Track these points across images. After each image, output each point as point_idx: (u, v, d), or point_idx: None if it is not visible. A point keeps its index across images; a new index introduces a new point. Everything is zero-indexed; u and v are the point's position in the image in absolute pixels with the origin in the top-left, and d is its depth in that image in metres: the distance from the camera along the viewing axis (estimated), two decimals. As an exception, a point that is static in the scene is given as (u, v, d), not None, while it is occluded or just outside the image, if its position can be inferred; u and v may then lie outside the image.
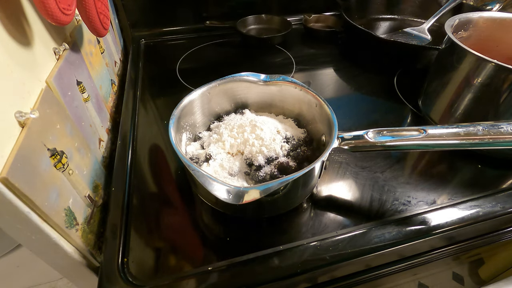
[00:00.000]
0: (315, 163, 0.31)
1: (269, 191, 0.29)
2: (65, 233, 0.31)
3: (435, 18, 0.78)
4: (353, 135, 0.36)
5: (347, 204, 0.40)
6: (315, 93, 0.41)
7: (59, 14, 0.30)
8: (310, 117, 0.44)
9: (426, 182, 0.43)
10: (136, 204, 0.40)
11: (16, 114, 0.26)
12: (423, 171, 0.45)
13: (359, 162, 0.45)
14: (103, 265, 0.33)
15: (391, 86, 0.64)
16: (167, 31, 0.84)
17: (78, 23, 0.46)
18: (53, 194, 0.29)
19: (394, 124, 0.54)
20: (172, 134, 0.35)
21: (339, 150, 0.38)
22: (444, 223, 0.37)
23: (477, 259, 0.54)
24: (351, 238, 0.36)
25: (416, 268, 0.40)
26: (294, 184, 0.34)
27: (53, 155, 0.30)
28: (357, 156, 0.46)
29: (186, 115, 0.41)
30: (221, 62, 0.75)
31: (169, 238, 0.36)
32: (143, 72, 0.68)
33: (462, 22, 0.52)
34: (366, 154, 0.47)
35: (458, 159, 0.46)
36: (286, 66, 0.71)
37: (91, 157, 0.40)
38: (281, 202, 0.37)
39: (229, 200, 0.29)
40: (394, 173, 0.44)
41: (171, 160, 0.46)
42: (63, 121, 0.33)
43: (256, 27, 0.87)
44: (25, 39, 0.30)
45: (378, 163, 0.45)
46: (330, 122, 0.37)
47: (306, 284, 0.35)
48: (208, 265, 0.33)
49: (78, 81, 0.40)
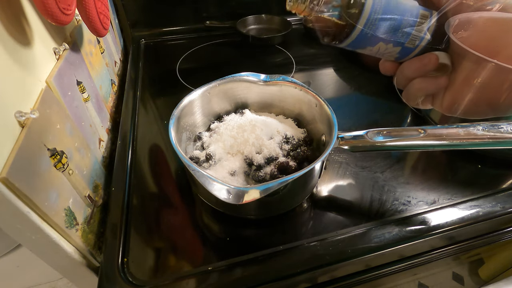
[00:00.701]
0: (315, 163, 0.31)
1: (269, 191, 0.29)
2: (65, 233, 0.31)
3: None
4: (353, 135, 0.36)
5: (347, 204, 0.40)
6: (315, 93, 0.41)
7: (59, 14, 0.30)
8: (310, 117, 0.44)
9: (426, 182, 0.43)
10: (136, 204, 0.40)
11: (16, 114, 0.26)
12: (423, 171, 0.45)
13: (359, 162, 0.45)
14: (103, 265, 0.33)
15: (391, 86, 0.63)
16: (167, 31, 0.84)
17: (78, 23, 0.46)
18: (53, 194, 0.29)
19: (394, 124, 0.54)
20: (172, 134, 0.35)
21: (339, 150, 0.38)
22: (444, 223, 0.37)
23: (477, 259, 0.54)
24: (351, 238, 0.36)
25: (416, 268, 0.40)
26: (294, 184, 0.34)
27: (53, 155, 0.30)
28: (357, 156, 0.46)
29: (186, 115, 0.41)
30: (221, 62, 0.75)
31: (169, 238, 0.36)
32: (143, 72, 0.68)
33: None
34: (366, 154, 0.47)
35: (458, 159, 0.46)
36: (286, 66, 0.71)
37: (91, 157, 0.40)
38: (281, 202, 0.37)
39: (229, 200, 0.29)
40: (394, 173, 0.44)
41: (171, 160, 0.46)
42: (63, 121, 0.33)
43: (256, 27, 0.87)
44: (25, 39, 0.30)
45: (378, 163, 0.45)
46: (330, 122, 0.37)
47: (306, 284, 0.35)
48: (208, 265, 0.33)
49: (78, 81, 0.40)
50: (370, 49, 0.27)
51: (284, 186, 0.32)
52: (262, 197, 0.29)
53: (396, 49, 0.27)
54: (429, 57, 0.26)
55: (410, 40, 0.26)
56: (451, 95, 0.27)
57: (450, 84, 0.26)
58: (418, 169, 0.45)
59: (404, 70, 0.27)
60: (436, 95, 0.28)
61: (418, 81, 0.27)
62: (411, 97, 0.28)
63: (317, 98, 0.41)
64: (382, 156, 0.46)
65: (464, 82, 0.25)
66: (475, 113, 0.26)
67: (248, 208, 0.36)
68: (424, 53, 0.26)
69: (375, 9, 0.24)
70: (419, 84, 0.27)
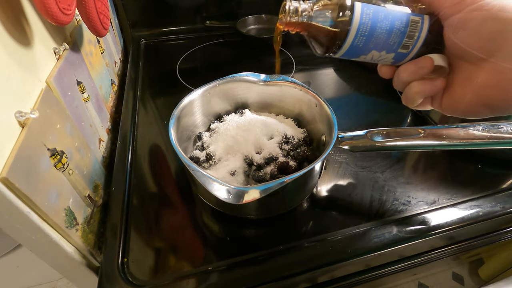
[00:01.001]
0: (315, 163, 0.31)
1: (269, 191, 0.29)
2: (65, 233, 0.31)
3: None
4: (353, 135, 0.36)
5: (347, 204, 0.40)
6: (315, 93, 0.41)
7: (59, 14, 0.30)
8: (310, 117, 0.44)
9: (426, 182, 0.43)
10: (136, 204, 0.40)
11: (16, 114, 0.26)
12: (423, 171, 0.45)
13: (359, 162, 0.45)
14: (103, 265, 0.33)
15: (391, 86, 0.63)
16: (167, 31, 0.84)
17: (78, 23, 0.46)
18: (53, 194, 0.29)
19: (394, 124, 0.54)
20: (172, 134, 0.35)
21: (339, 150, 0.38)
22: (444, 223, 0.37)
23: (477, 259, 0.54)
24: (351, 238, 0.36)
25: (416, 268, 0.40)
26: (294, 184, 0.34)
27: (53, 155, 0.30)
28: (357, 156, 0.46)
29: (186, 115, 0.41)
30: (221, 62, 0.75)
31: (169, 238, 0.36)
32: (143, 72, 0.68)
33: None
34: (366, 154, 0.47)
35: (458, 159, 0.46)
36: (286, 66, 0.71)
37: (91, 157, 0.40)
38: (281, 202, 0.37)
39: (229, 200, 0.29)
40: (394, 173, 0.44)
41: (171, 160, 0.46)
42: (63, 121, 0.33)
43: (256, 27, 0.87)
44: (25, 39, 0.30)
45: (378, 163, 0.45)
46: (330, 122, 0.37)
47: (306, 284, 0.35)
48: (208, 265, 0.33)
49: (78, 81, 0.40)
50: (364, 57, 0.28)
51: (284, 186, 0.32)
52: (262, 197, 0.29)
53: (390, 55, 0.27)
54: (424, 60, 0.26)
55: (403, 47, 0.26)
56: (449, 95, 0.27)
57: (449, 84, 0.26)
58: (418, 169, 0.45)
59: (400, 74, 0.27)
60: (435, 96, 0.28)
61: (415, 84, 0.27)
62: (410, 100, 0.28)
63: (317, 98, 0.41)
64: (382, 156, 0.46)
65: (462, 82, 0.25)
66: (474, 113, 0.26)
67: (248, 208, 0.36)
68: (422, 55, 0.26)
69: (364, 21, 0.24)
70: (417, 87, 0.27)
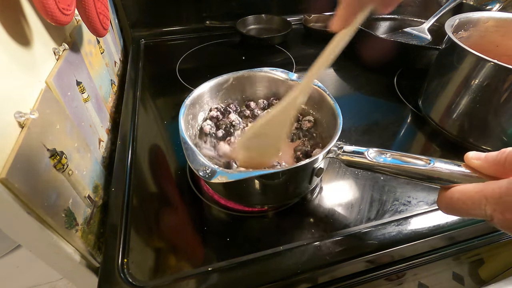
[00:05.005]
0: (304, 162, 0.32)
1: (241, 179, 0.30)
2: (65, 233, 0.31)
3: (435, 18, 0.78)
4: (353, 149, 0.34)
5: (347, 204, 0.40)
6: (332, 100, 0.41)
7: (59, 14, 0.30)
8: (320, 120, 0.44)
9: (426, 182, 0.43)
10: (136, 204, 0.40)
11: (16, 114, 0.26)
12: (423, 171, 0.45)
13: (359, 162, 0.45)
14: (103, 265, 0.33)
15: (391, 86, 0.64)
16: (167, 31, 0.84)
17: (78, 23, 0.46)
18: (53, 195, 0.29)
19: (394, 124, 0.54)
20: (183, 110, 0.38)
21: (336, 160, 0.36)
22: (444, 223, 0.37)
23: (477, 259, 0.54)
24: (351, 238, 0.36)
25: (416, 268, 0.40)
26: (286, 178, 0.34)
27: (53, 156, 0.30)
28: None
29: (200, 100, 0.44)
30: (221, 62, 0.75)
31: (169, 238, 0.36)
32: (143, 72, 0.68)
33: (462, 22, 0.52)
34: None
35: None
36: (286, 66, 0.70)
37: (91, 157, 0.40)
38: (274, 193, 0.37)
39: (202, 176, 0.30)
40: (394, 173, 0.44)
41: (171, 160, 0.46)
42: (63, 121, 0.33)
43: (256, 27, 0.87)
44: (25, 39, 0.30)
45: (378, 163, 0.45)
46: (336, 129, 0.36)
47: (306, 284, 0.35)
48: (208, 265, 0.33)
49: (78, 81, 0.40)
50: None
51: (276, 177, 0.33)
52: (256, 186, 0.31)
53: None
54: None
55: None
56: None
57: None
58: (418, 169, 0.45)
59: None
60: None
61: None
62: None
63: (332, 106, 0.40)
64: (382, 156, 0.46)
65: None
66: None
67: (243, 195, 0.37)
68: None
69: None
70: None
